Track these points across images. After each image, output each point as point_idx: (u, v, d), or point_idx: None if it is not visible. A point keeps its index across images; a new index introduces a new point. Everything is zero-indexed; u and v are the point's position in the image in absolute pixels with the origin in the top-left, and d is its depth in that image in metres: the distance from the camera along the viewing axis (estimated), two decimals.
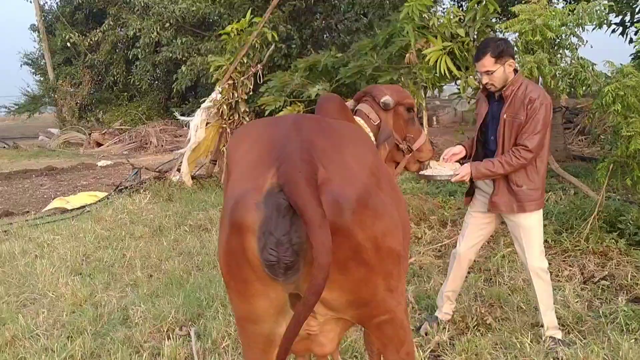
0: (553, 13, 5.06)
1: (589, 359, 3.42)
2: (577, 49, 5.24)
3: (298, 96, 9.90)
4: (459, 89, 7.21)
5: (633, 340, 3.70)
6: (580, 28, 5.14)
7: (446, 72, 6.98)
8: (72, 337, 4.03)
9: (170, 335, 3.95)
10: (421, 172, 3.51)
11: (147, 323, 4.17)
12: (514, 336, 3.84)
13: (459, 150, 3.86)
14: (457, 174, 3.61)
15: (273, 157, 1.80)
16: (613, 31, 8.93)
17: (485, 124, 3.84)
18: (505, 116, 3.65)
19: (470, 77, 7.20)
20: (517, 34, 5.40)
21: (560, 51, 5.25)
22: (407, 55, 7.48)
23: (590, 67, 5.06)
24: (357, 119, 3.18)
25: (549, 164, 7.72)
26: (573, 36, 5.19)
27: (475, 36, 6.70)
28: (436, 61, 6.97)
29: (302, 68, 10.02)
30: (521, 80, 3.69)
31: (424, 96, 7.57)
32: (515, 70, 3.70)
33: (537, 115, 3.56)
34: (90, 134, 19.87)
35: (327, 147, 1.90)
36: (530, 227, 3.75)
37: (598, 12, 4.96)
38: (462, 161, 3.84)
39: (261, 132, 2.03)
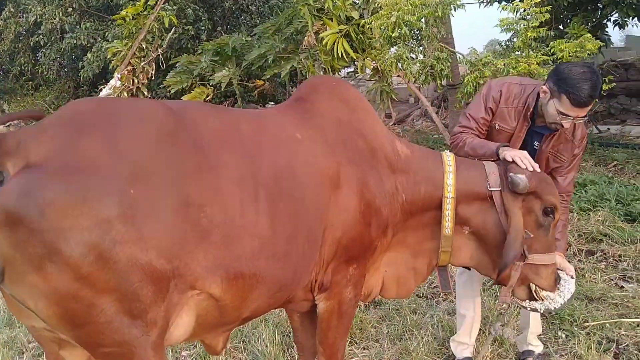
0: (411, 7, 5.17)
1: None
2: (437, 39, 5.42)
3: (206, 79, 9.79)
4: (356, 71, 7.35)
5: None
6: (439, 18, 5.31)
7: (343, 54, 7.11)
8: None
9: None
10: (534, 305, 2.75)
11: None
12: (398, 308, 4.02)
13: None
14: (573, 276, 2.86)
15: None
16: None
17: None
18: (549, 151, 3.03)
19: (367, 58, 7.37)
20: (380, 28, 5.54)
21: (423, 42, 5.43)
22: (306, 38, 7.55)
23: (448, 58, 5.28)
24: (450, 162, 2.64)
25: (443, 139, 8.02)
26: (433, 27, 5.36)
27: (369, 17, 6.80)
28: (333, 44, 7.08)
29: (209, 51, 9.89)
30: None
31: None
32: None
33: (582, 153, 3.08)
34: None
35: (62, 133, 1.73)
36: None
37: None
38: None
39: None
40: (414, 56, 5.76)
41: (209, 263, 1.88)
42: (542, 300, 2.72)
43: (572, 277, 2.86)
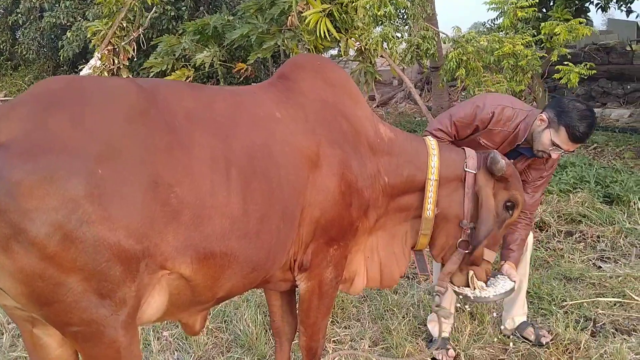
0: None
1: None
2: (423, 18, 5.41)
3: (188, 60, 9.66)
4: (339, 53, 7.30)
5: None
6: None
7: (327, 34, 7.03)
8: None
9: None
10: (465, 291, 2.82)
11: None
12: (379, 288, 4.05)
13: None
14: (515, 281, 3.02)
15: None
16: None
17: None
18: (522, 168, 3.17)
19: (351, 39, 7.31)
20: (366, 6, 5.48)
21: (409, 22, 5.41)
22: (289, 17, 7.46)
23: (433, 37, 5.28)
24: (433, 146, 2.71)
25: (426, 121, 8.04)
26: (419, 5, 5.34)
27: None
28: (316, 23, 7.01)
29: (190, 31, 9.76)
30: None
31: None
32: None
33: (550, 176, 3.25)
34: None
35: (31, 111, 1.71)
36: None
37: None
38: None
39: None
40: (399, 35, 5.73)
41: (179, 243, 1.86)
42: (475, 289, 2.78)
43: (513, 281, 2.97)
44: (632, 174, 6.30)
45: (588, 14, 9.86)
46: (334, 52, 9.58)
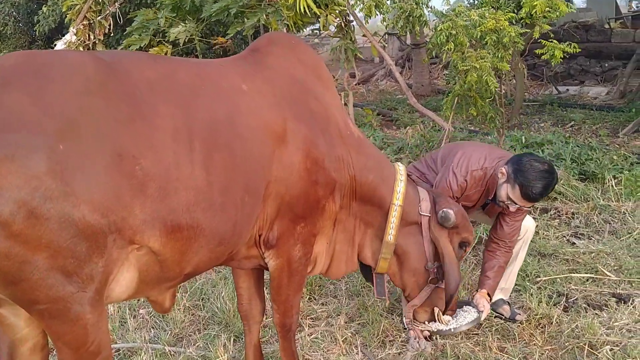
0: None
1: None
2: None
3: (165, 36, 9.49)
4: (318, 29, 7.23)
5: None
6: None
7: (306, 9, 6.96)
8: None
9: None
10: (440, 328, 3.04)
11: None
12: None
13: None
14: (483, 311, 3.20)
15: None
16: None
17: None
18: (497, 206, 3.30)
19: (330, 15, 7.23)
20: None
21: None
22: None
23: (426, 4, 5.25)
24: (402, 172, 2.80)
25: (406, 99, 8.03)
26: None
27: None
28: None
29: (167, 5, 9.57)
30: None
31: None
32: None
33: (526, 211, 3.33)
34: None
35: None
36: None
37: None
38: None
39: None
40: (389, 2, 5.68)
41: (147, 216, 1.84)
42: (440, 322, 3.03)
43: (479, 311, 3.17)
44: (607, 152, 6.37)
45: None
46: (315, 27, 9.46)
